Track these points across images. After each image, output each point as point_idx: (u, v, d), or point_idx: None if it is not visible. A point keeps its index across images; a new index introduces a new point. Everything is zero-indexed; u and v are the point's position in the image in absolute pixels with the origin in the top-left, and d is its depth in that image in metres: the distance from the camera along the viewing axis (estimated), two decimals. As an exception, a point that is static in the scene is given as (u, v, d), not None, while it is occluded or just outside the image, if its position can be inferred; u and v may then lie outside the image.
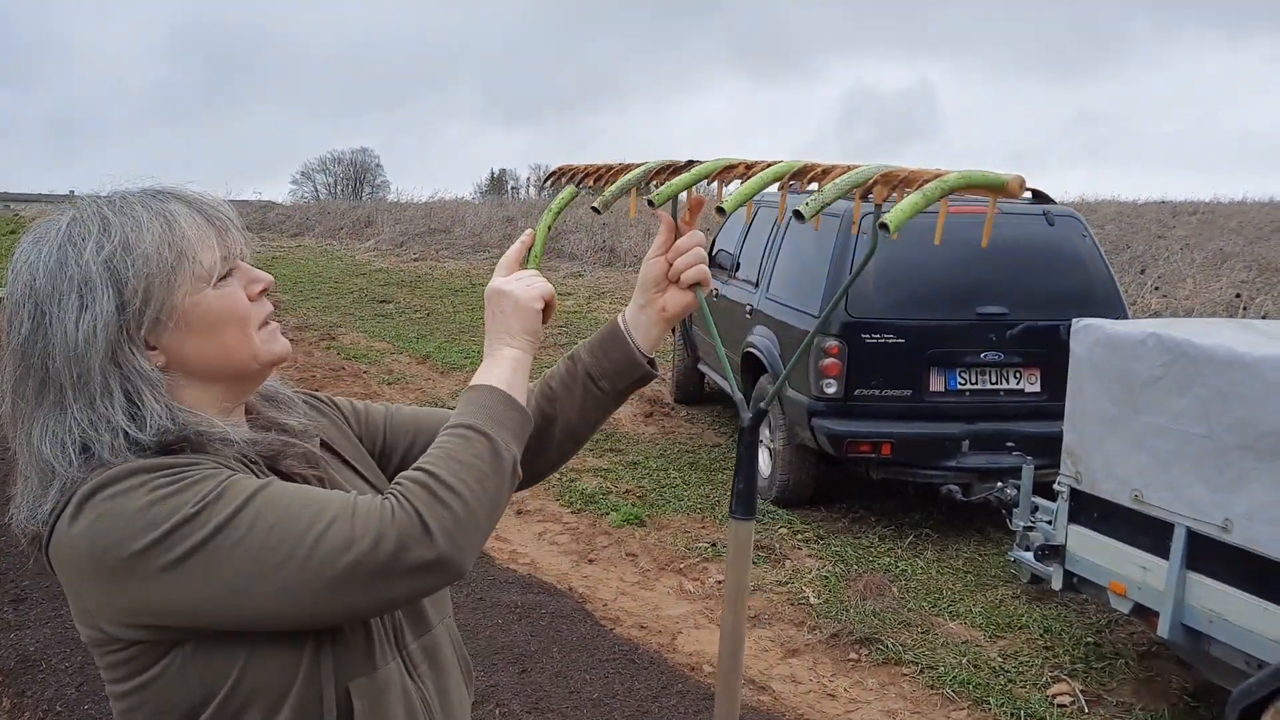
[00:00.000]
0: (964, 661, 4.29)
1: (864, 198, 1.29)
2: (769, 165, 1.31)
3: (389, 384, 9.55)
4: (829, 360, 5.56)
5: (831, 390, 5.58)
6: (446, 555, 1.05)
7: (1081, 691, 4.04)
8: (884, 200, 1.28)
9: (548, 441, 1.39)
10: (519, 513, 6.12)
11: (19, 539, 1.15)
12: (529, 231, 1.40)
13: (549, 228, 1.41)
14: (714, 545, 5.57)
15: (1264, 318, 10.74)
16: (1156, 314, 11.37)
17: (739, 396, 1.40)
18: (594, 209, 1.35)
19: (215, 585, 1.03)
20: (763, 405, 1.37)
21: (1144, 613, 3.74)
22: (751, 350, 6.46)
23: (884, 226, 1.13)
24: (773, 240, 6.72)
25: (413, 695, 1.20)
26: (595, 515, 6.08)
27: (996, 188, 1.20)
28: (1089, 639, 4.49)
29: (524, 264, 1.37)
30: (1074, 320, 4.12)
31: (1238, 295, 12.28)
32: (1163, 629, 3.56)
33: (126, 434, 1.09)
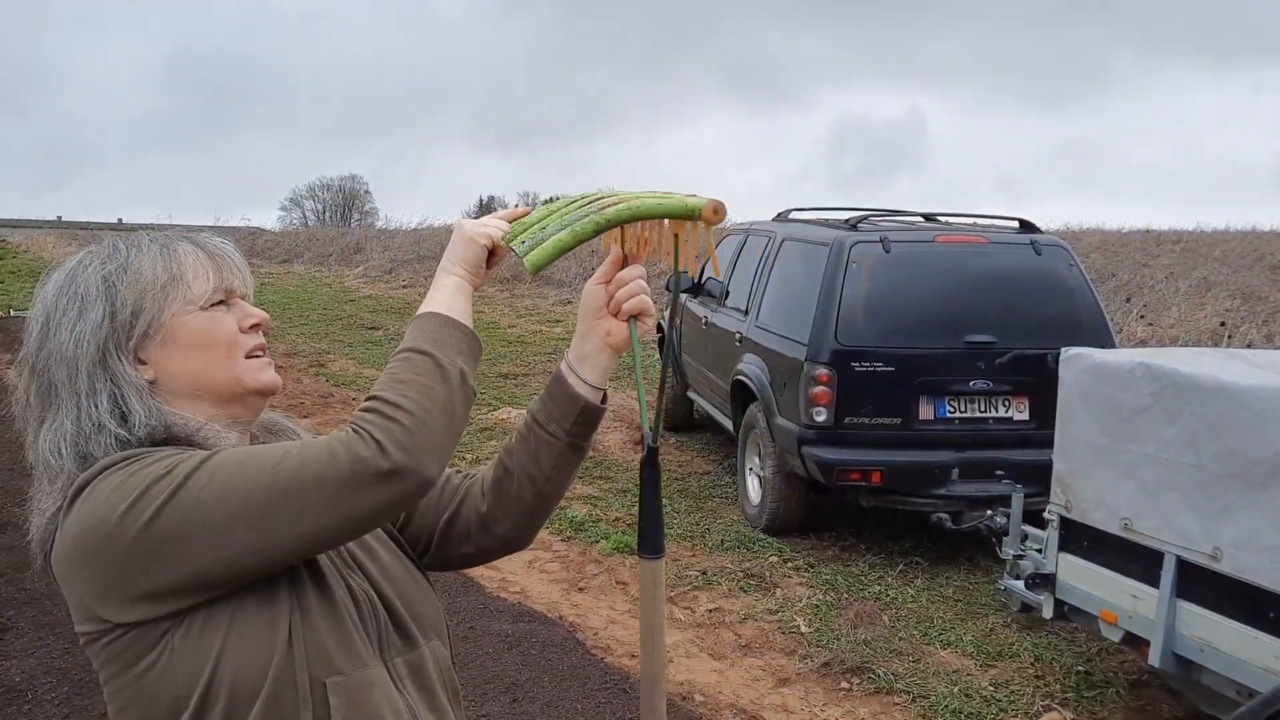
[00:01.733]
0: (956, 690, 4.29)
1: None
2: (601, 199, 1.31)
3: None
4: (819, 388, 5.58)
5: (821, 418, 5.60)
6: (401, 463, 1.09)
7: (1073, 720, 4.04)
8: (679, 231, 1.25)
9: (508, 497, 1.39)
10: (509, 541, 6.09)
11: (35, 552, 1.22)
12: (524, 210, 1.39)
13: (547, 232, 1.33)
14: (704, 574, 5.56)
15: (1249, 346, 10.82)
16: (1143, 342, 11.45)
17: (646, 431, 1.39)
18: (512, 249, 1.32)
19: (192, 530, 1.08)
20: (651, 444, 1.36)
21: (1135, 641, 3.75)
22: (741, 378, 6.48)
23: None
24: (762, 268, 6.76)
25: (399, 705, 1.21)
26: (585, 543, 6.07)
27: (685, 216, 1.13)
28: (1080, 667, 4.49)
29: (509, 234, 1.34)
30: (1063, 349, 4.15)
31: (1222, 324, 12.37)
32: (1154, 658, 3.56)
33: (116, 435, 1.17)
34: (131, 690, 1.13)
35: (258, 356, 1.28)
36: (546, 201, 1.41)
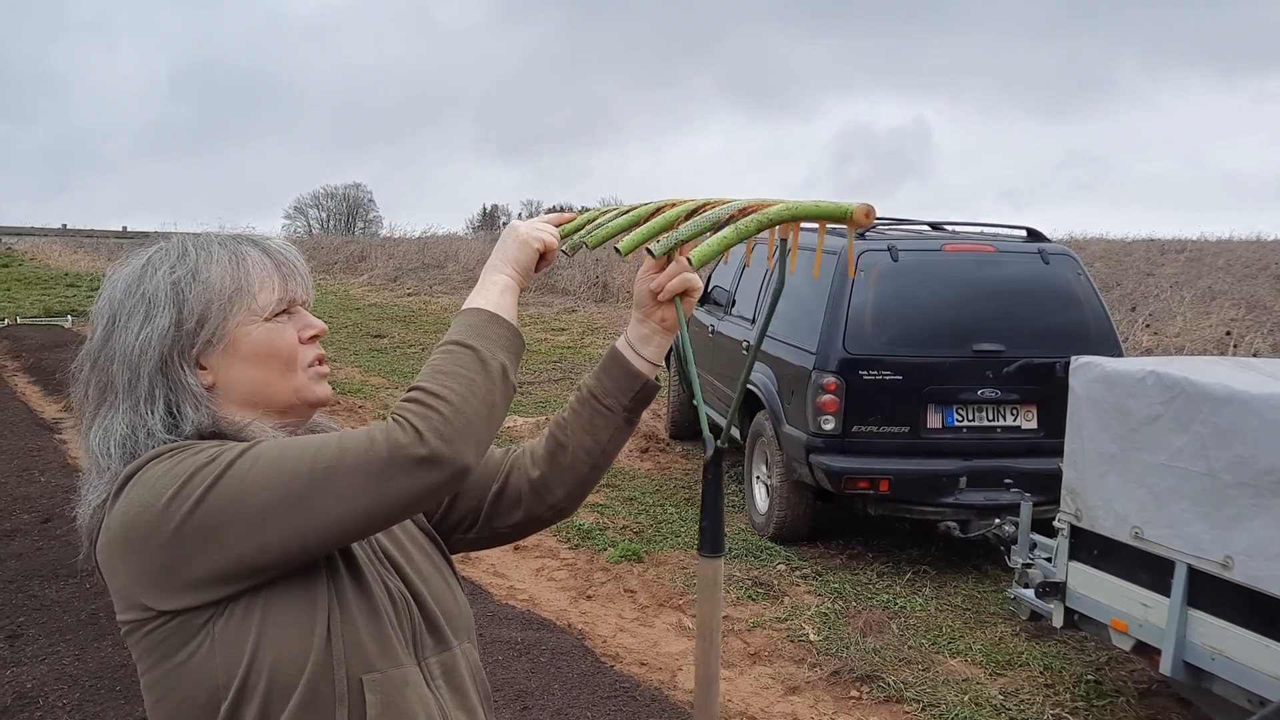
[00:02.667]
0: (965, 699, 4.28)
1: (716, 231, 1.32)
2: (675, 205, 1.36)
3: (384, 419, 9.53)
4: (827, 397, 5.59)
5: (829, 427, 5.61)
6: (438, 451, 1.12)
7: (1083, 729, 4.04)
8: (786, 236, 1.29)
9: (562, 467, 1.44)
10: (516, 549, 6.10)
11: (82, 541, 1.24)
12: (576, 215, 1.47)
13: (593, 234, 1.43)
14: (712, 582, 5.55)
15: (1255, 355, 10.81)
16: (1148, 351, 11.45)
17: (707, 434, 1.44)
18: (563, 252, 1.41)
19: (235, 517, 1.10)
20: (720, 444, 1.40)
21: (1146, 650, 3.75)
22: (749, 387, 6.48)
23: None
24: (769, 277, 6.77)
25: (431, 705, 1.23)
26: (593, 551, 6.07)
27: (838, 218, 1.17)
28: (1089, 676, 4.49)
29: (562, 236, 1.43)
30: (1073, 358, 4.15)
31: (1228, 333, 12.36)
32: (1165, 666, 3.56)
33: (164, 440, 1.19)
34: (171, 679, 1.14)
35: (315, 367, 1.30)
36: (584, 209, 1.47)
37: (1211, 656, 3.42)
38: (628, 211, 1.44)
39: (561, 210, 1.72)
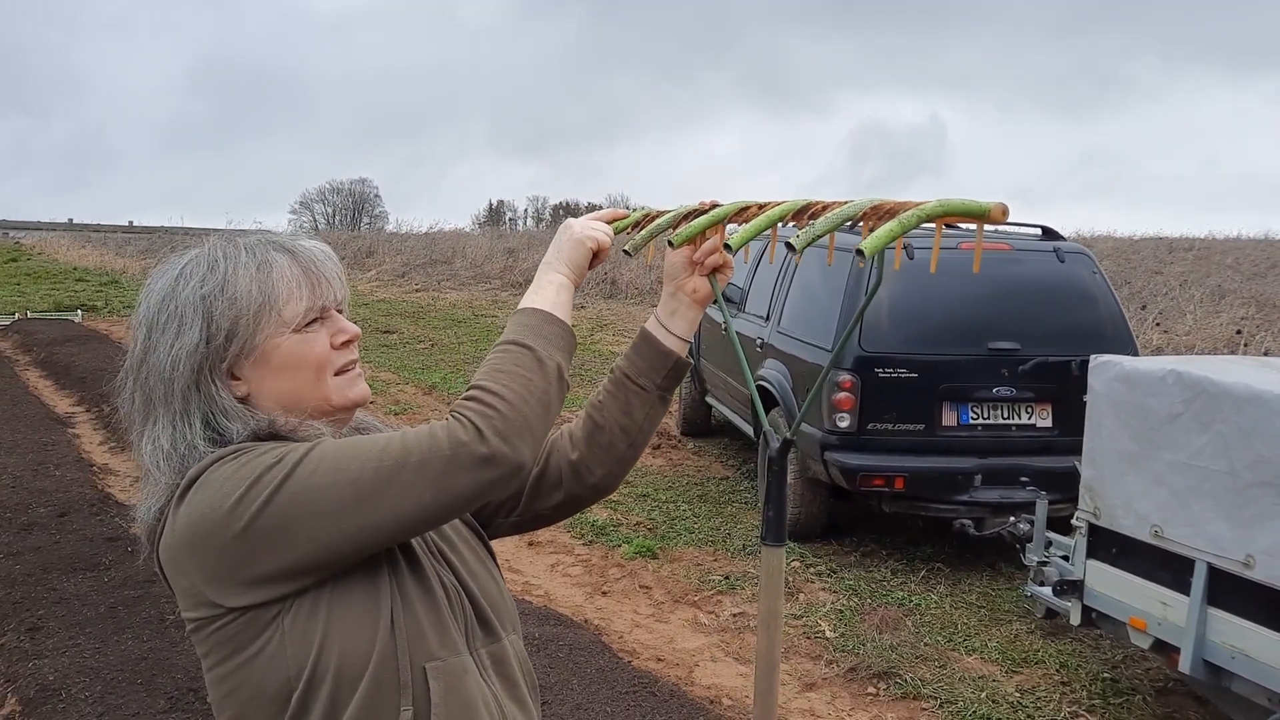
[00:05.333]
0: (982, 696, 4.30)
1: (852, 230, 1.35)
2: (776, 205, 1.39)
3: (396, 414, 9.57)
4: (842, 394, 5.59)
5: (845, 424, 5.62)
6: (497, 449, 1.16)
7: (1101, 727, 4.05)
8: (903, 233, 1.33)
9: (600, 448, 1.48)
10: (530, 544, 6.12)
11: (143, 543, 1.27)
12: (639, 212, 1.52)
13: (647, 232, 1.48)
14: (727, 578, 5.57)
15: (1266, 354, 10.80)
16: (1159, 350, 11.44)
17: (767, 426, 1.51)
18: (625, 252, 1.47)
19: (303, 514, 1.13)
20: (789, 435, 1.45)
21: (1164, 648, 3.76)
22: (763, 383, 6.49)
23: (859, 252, 1.21)
24: (784, 274, 6.77)
25: (487, 693, 1.25)
26: (607, 548, 6.09)
27: (978, 215, 1.23)
28: (1106, 674, 4.50)
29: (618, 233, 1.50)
30: (1093, 357, 4.16)
31: (1238, 331, 12.35)
32: (1184, 665, 3.57)
33: (208, 454, 1.20)
34: (242, 673, 1.17)
35: (349, 371, 1.31)
36: (637, 209, 1.50)
37: (1231, 655, 3.43)
38: (694, 212, 1.47)
39: (579, 207, 1.73)
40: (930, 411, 5.64)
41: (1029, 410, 5.70)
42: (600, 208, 1.60)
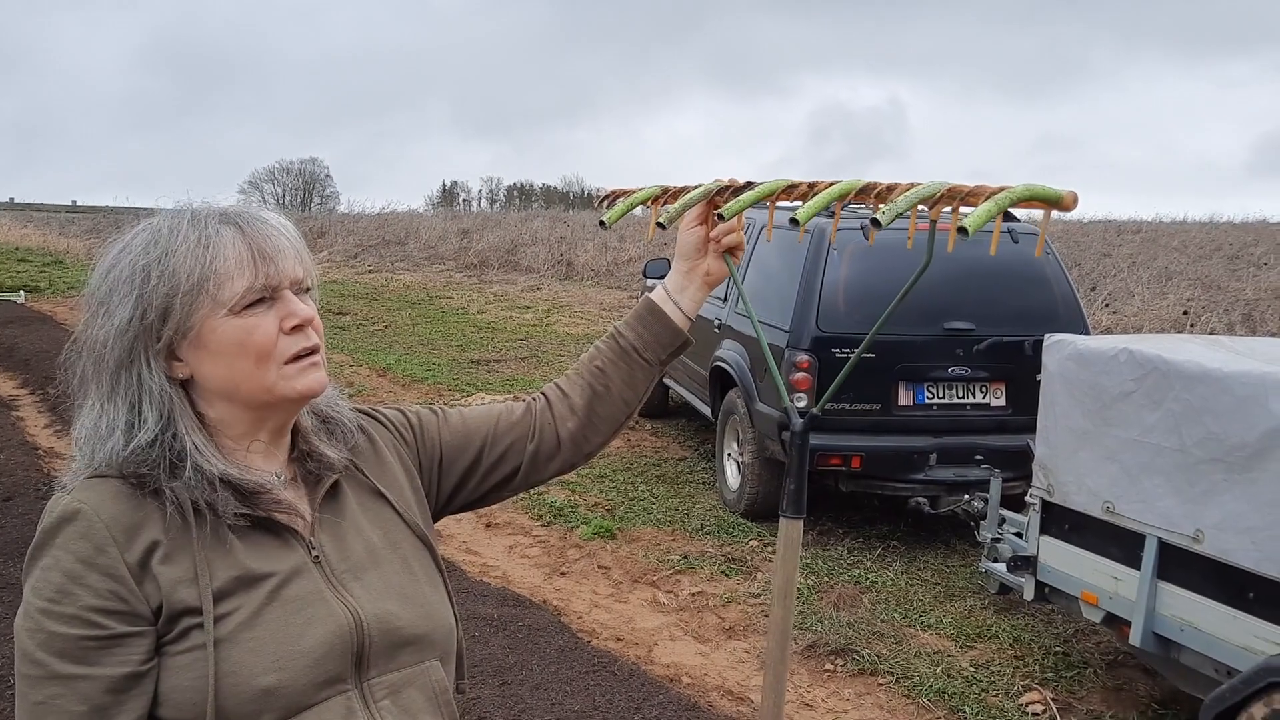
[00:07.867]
0: (938, 671, 4.35)
1: (931, 207, 1.39)
2: (830, 185, 1.40)
3: (351, 396, 9.43)
4: (799, 374, 5.62)
5: (802, 404, 5.64)
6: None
7: (1053, 700, 4.12)
8: (938, 216, 1.35)
9: (600, 417, 1.49)
10: (488, 526, 6.10)
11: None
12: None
13: (680, 206, 1.51)
14: (685, 558, 5.59)
15: (1212, 334, 11.02)
16: (1108, 330, 11.62)
17: (787, 402, 1.53)
18: (659, 224, 1.49)
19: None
20: (816, 411, 1.50)
21: (1115, 622, 3.83)
22: (720, 364, 6.51)
23: (962, 230, 1.22)
24: (750, 261, 6.78)
25: None
26: (565, 528, 6.08)
27: (1053, 201, 1.29)
28: (1057, 648, 4.58)
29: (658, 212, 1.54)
30: (1046, 335, 4.21)
31: (1185, 312, 12.59)
32: (1135, 638, 3.64)
33: (115, 447, 1.14)
34: None
35: (300, 360, 1.18)
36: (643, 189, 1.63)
37: (1180, 628, 3.50)
38: (728, 188, 1.49)
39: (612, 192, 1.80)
40: (887, 391, 5.68)
41: (983, 390, 5.77)
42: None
